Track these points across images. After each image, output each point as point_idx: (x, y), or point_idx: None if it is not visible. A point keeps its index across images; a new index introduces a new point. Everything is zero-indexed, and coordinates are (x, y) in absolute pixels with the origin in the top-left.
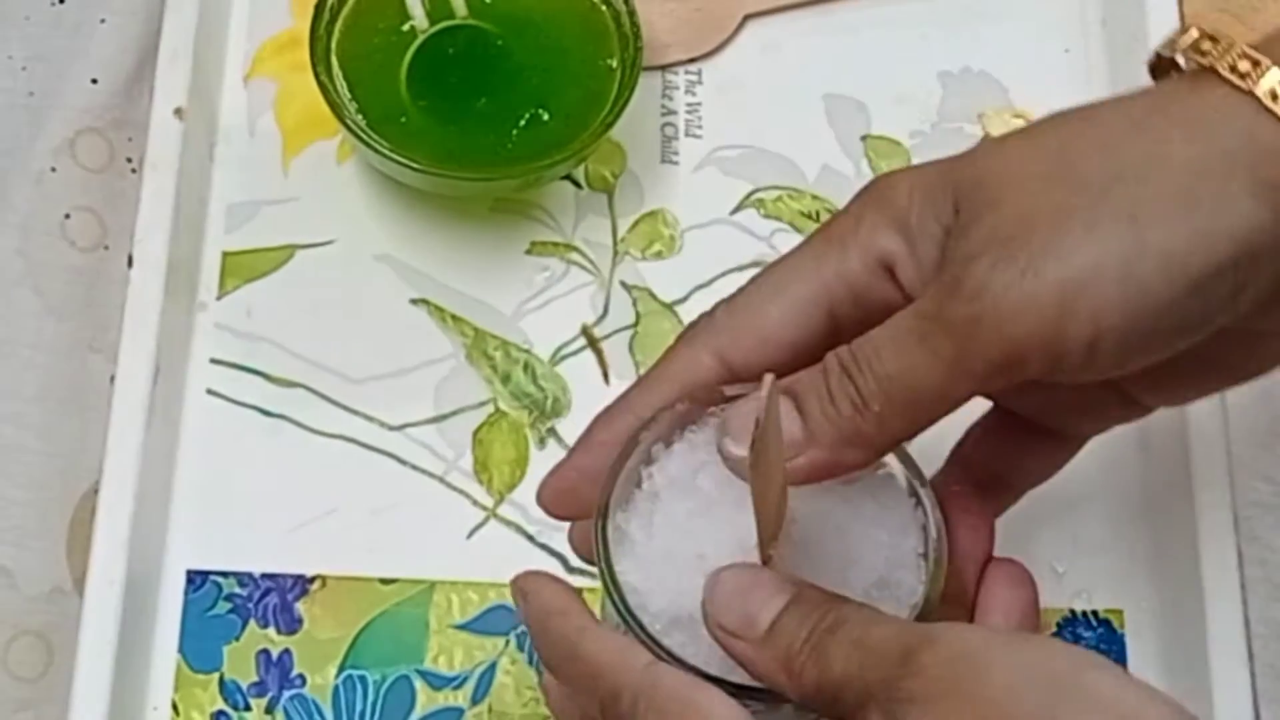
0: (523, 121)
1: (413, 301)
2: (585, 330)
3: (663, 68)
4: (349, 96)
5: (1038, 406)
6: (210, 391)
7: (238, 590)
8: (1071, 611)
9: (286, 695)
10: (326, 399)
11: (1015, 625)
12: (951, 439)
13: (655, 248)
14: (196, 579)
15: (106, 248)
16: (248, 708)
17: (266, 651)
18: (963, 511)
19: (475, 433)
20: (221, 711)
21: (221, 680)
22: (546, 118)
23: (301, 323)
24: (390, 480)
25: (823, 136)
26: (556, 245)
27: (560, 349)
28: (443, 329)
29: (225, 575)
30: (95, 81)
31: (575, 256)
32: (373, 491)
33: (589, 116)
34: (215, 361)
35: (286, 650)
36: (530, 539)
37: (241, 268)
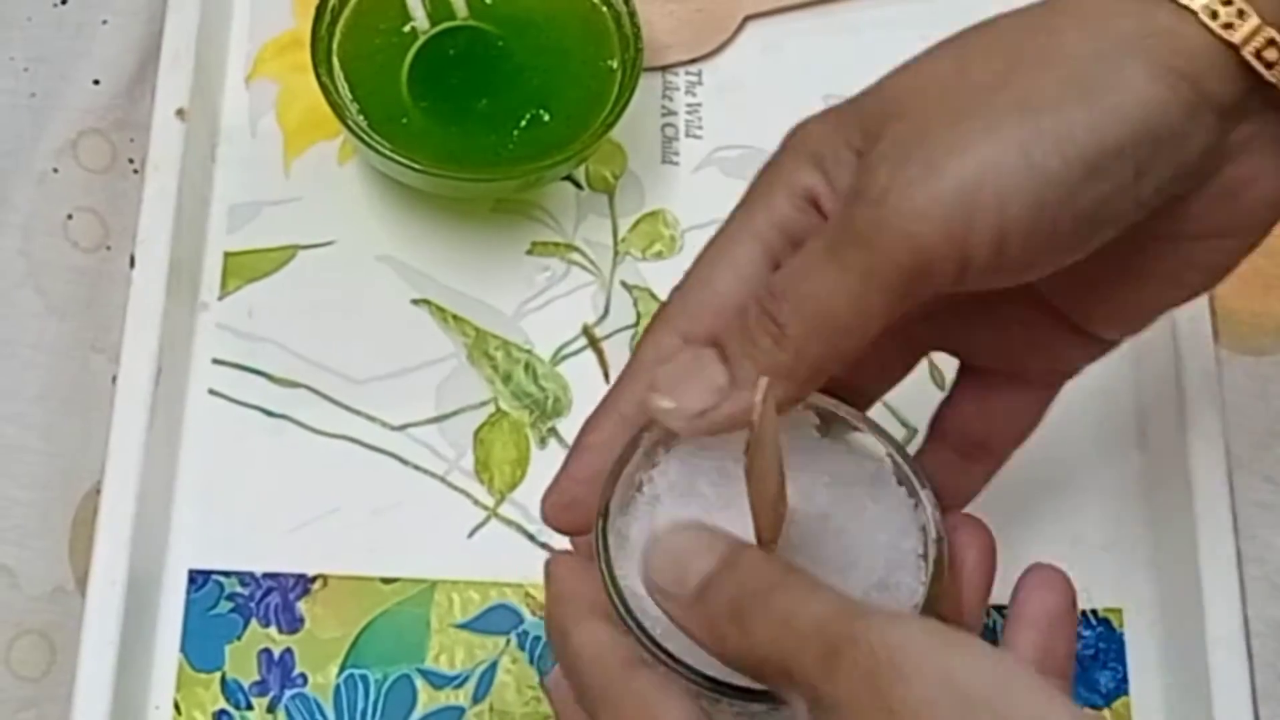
0: (523, 122)
1: (414, 302)
2: (586, 330)
3: (663, 68)
4: (350, 97)
5: (991, 352)
6: (212, 391)
7: (239, 590)
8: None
9: (288, 694)
10: (328, 399)
11: (1042, 633)
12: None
13: (656, 248)
14: (198, 578)
15: (108, 248)
16: (249, 707)
17: (268, 651)
18: (961, 521)
19: (476, 432)
20: (223, 710)
21: (223, 679)
22: (547, 118)
23: (303, 323)
24: (392, 480)
25: None
26: (557, 245)
27: (561, 349)
28: (444, 329)
29: (227, 575)
30: (97, 82)
31: (576, 257)
32: (374, 491)
33: (590, 117)
34: (217, 361)
35: (288, 649)
36: (531, 538)
37: (243, 268)
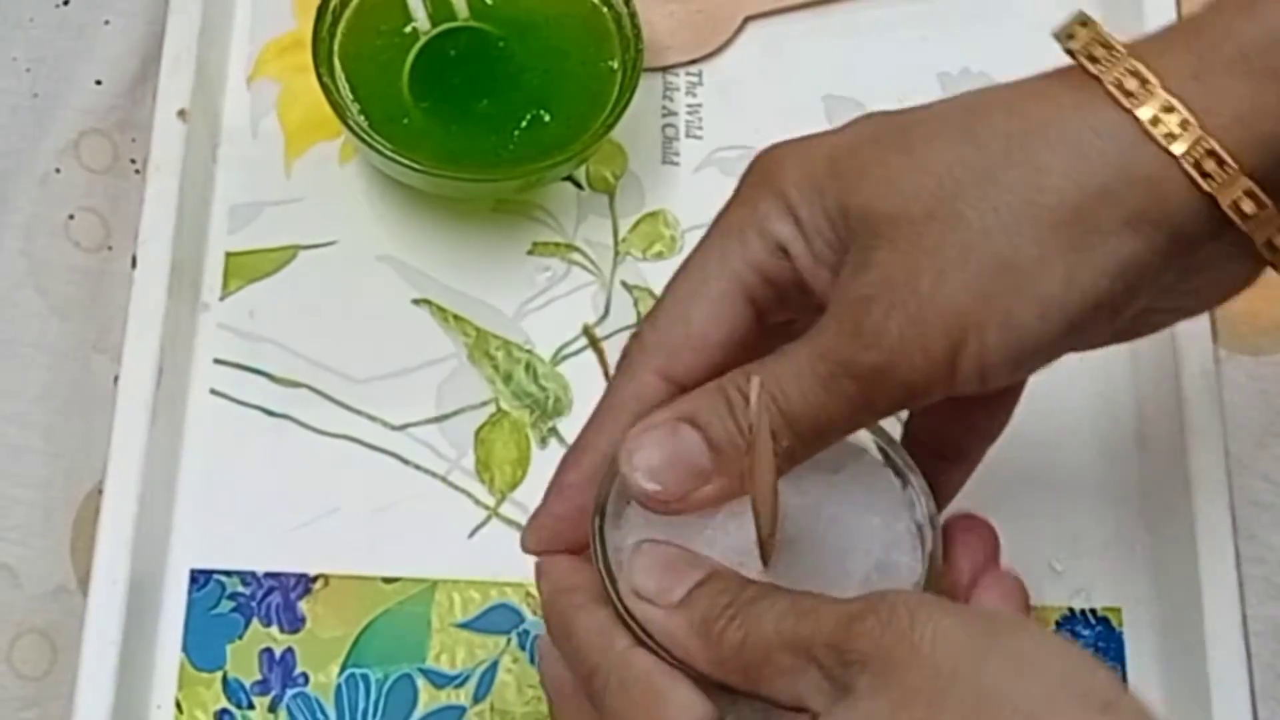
0: (524, 123)
1: (415, 302)
2: (587, 330)
3: (663, 69)
4: (351, 98)
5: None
6: (213, 391)
7: (241, 589)
8: (1070, 610)
9: (289, 694)
10: (329, 399)
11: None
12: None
13: (656, 248)
14: (200, 578)
15: (110, 248)
16: (251, 706)
17: (269, 650)
18: (963, 519)
19: (477, 432)
20: (225, 710)
21: (225, 679)
22: (548, 119)
23: (304, 323)
24: (392, 479)
25: None
26: (558, 246)
27: (562, 349)
28: (444, 329)
29: (228, 574)
30: (99, 83)
31: (576, 257)
32: (375, 491)
33: (590, 118)
34: (218, 361)
35: (289, 649)
36: None
37: (244, 268)
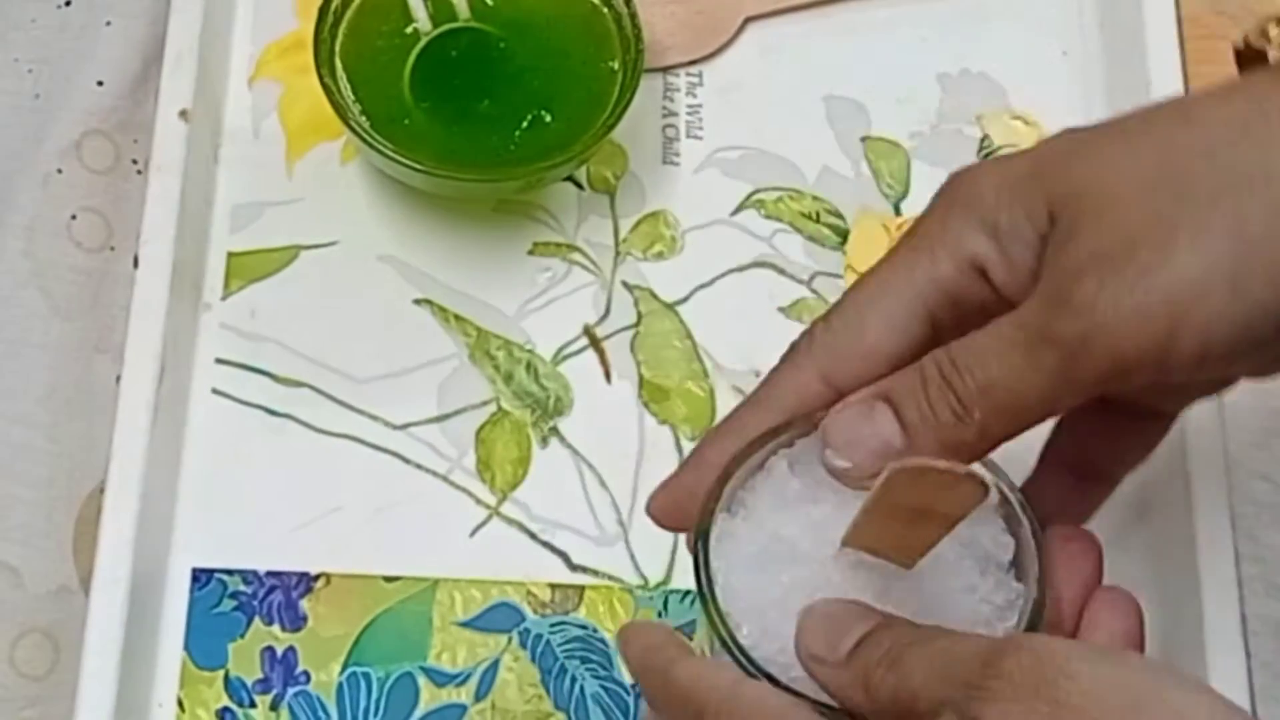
0: (525, 123)
1: (416, 302)
2: (587, 330)
3: (664, 70)
4: (353, 98)
5: (1135, 392)
6: (215, 391)
7: (242, 588)
8: None
9: (291, 692)
10: (330, 398)
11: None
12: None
13: (657, 248)
14: (201, 577)
15: (112, 249)
16: (252, 705)
17: (271, 649)
18: (1065, 540)
19: (478, 432)
20: (226, 708)
21: (226, 677)
22: (549, 119)
23: (305, 323)
24: (394, 479)
25: (823, 138)
26: (559, 246)
27: (562, 349)
28: (446, 329)
29: (230, 573)
30: (101, 84)
31: (577, 257)
32: (376, 490)
33: (591, 118)
34: (220, 361)
35: (291, 647)
36: (533, 537)
37: (246, 268)
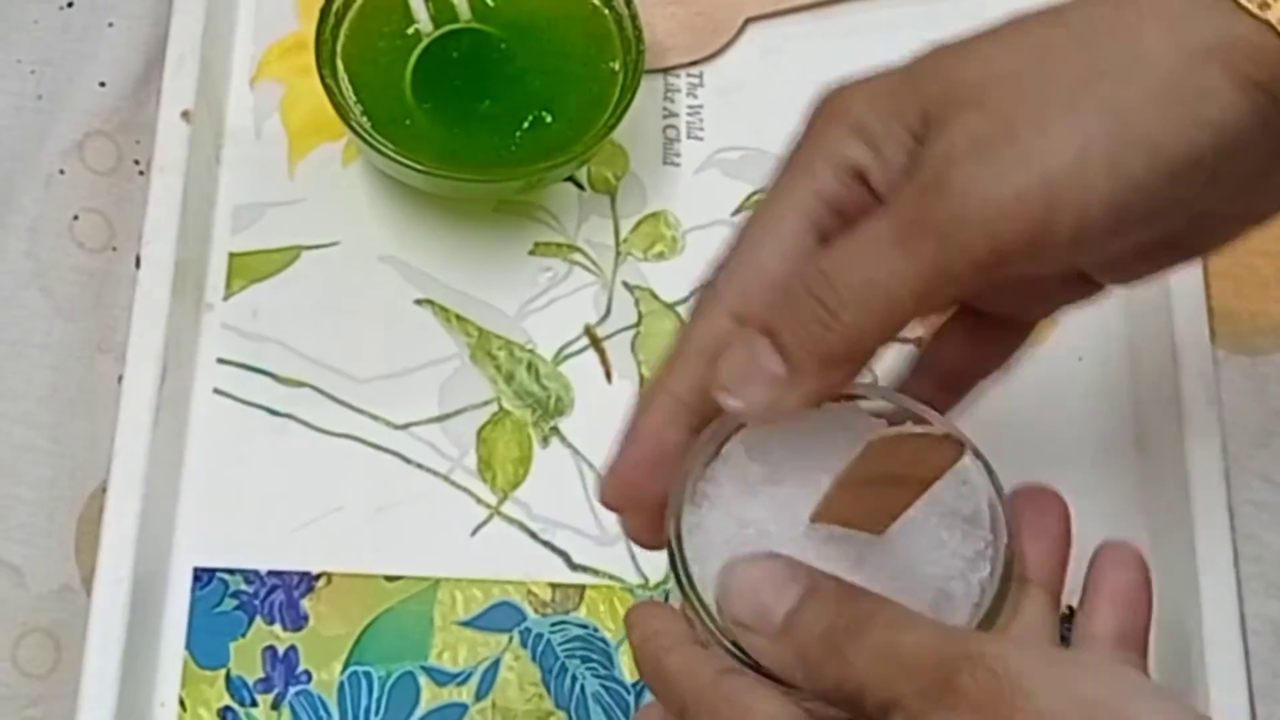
0: (526, 124)
1: (417, 302)
2: (588, 330)
3: (664, 70)
4: (354, 99)
5: (994, 298)
6: (217, 391)
7: (244, 587)
8: (1069, 609)
9: (292, 691)
10: (332, 398)
11: (1121, 608)
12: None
13: (657, 248)
14: (203, 576)
15: (114, 249)
16: (254, 704)
17: (273, 648)
18: (1034, 492)
19: (479, 431)
20: (228, 707)
21: (228, 676)
22: (549, 120)
23: (307, 323)
24: (395, 478)
25: None
26: (559, 246)
27: (563, 349)
28: (447, 329)
29: (232, 573)
30: (103, 85)
31: (578, 257)
32: (378, 489)
33: (592, 119)
34: (222, 361)
35: (292, 647)
36: (533, 536)
37: (248, 269)
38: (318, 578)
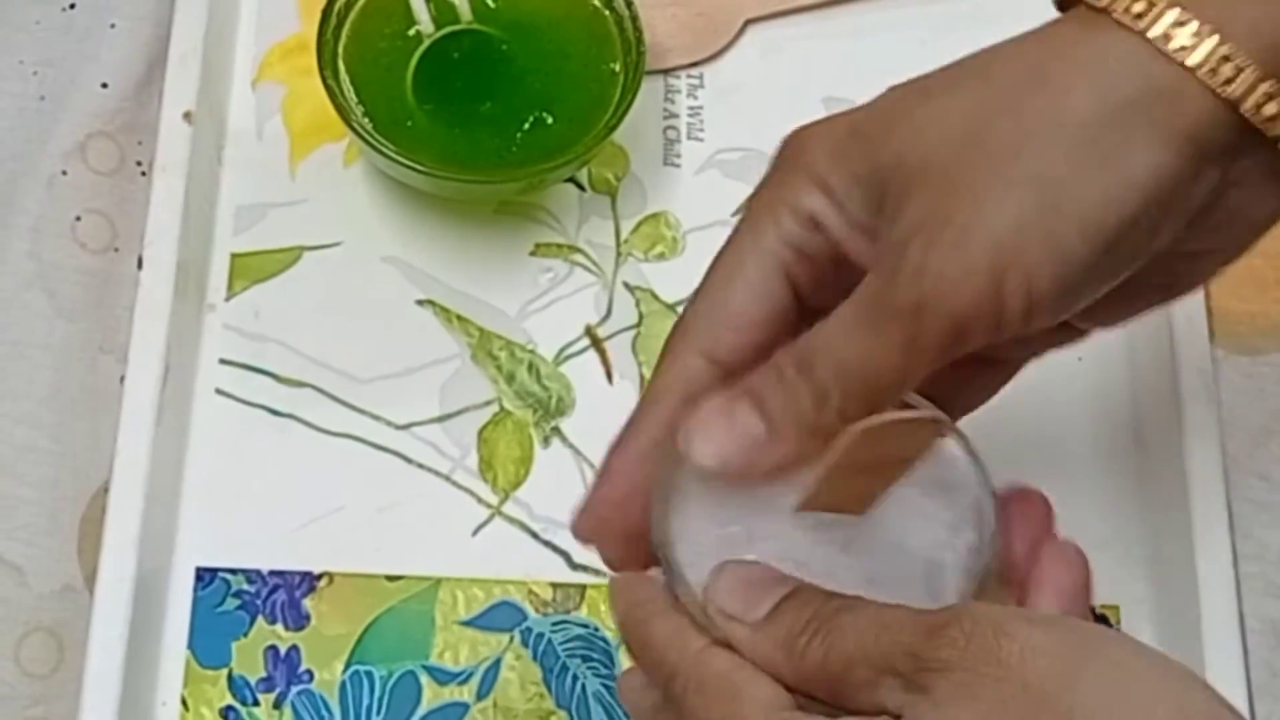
0: (527, 125)
1: (418, 302)
2: (589, 330)
3: (665, 72)
4: (355, 100)
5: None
6: (219, 391)
7: (246, 587)
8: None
9: (294, 690)
10: (333, 398)
11: (1066, 602)
12: None
13: (658, 249)
14: (205, 576)
15: (116, 250)
16: (256, 703)
17: (274, 647)
18: (1014, 497)
19: (480, 432)
20: (230, 707)
21: (230, 676)
22: (550, 121)
23: (309, 323)
24: (396, 478)
25: None
26: (560, 247)
27: (564, 349)
28: (448, 329)
29: (234, 572)
30: (105, 86)
31: (579, 258)
32: (379, 489)
33: (592, 120)
34: (224, 362)
35: (294, 646)
36: (534, 536)
37: (249, 269)
38: (319, 577)
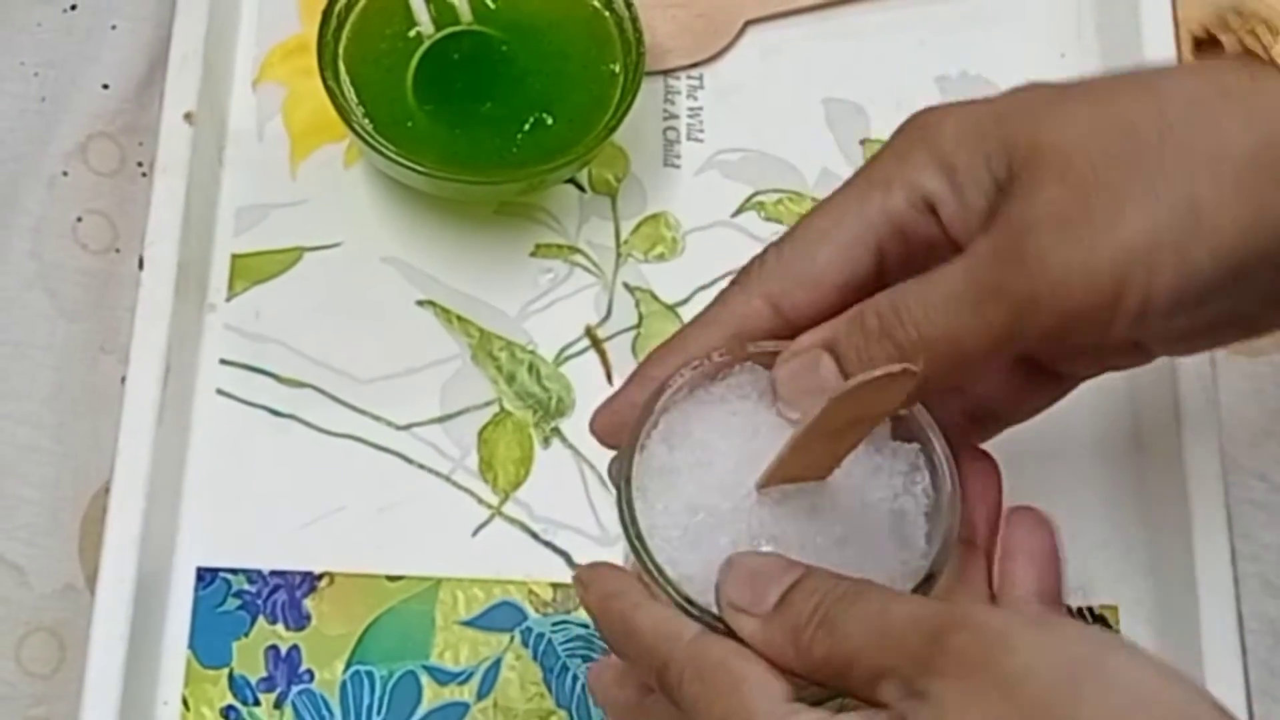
0: (527, 126)
1: (419, 303)
2: (589, 331)
3: (665, 72)
4: (356, 101)
5: (1051, 353)
6: (220, 392)
7: (247, 587)
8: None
9: (295, 690)
10: (334, 399)
11: (1040, 564)
12: None
13: (658, 250)
14: (206, 576)
15: (117, 250)
16: (257, 703)
17: (275, 647)
18: (971, 458)
19: (480, 432)
20: (231, 706)
21: (231, 675)
22: (550, 122)
23: (309, 324)
24: (397, 479)
25: (823, 140)
26: (560, 247)
27: (564, 350)
28: (448, 330)
29: (235, 572)
30: (106, 87)
31: (579, 259)
32: (380, 490)
33: (592, 121)
34: (225, 362)
35: (295, 646)
36: (535, 536)
37: (250, 270)
38: (320, 577)
